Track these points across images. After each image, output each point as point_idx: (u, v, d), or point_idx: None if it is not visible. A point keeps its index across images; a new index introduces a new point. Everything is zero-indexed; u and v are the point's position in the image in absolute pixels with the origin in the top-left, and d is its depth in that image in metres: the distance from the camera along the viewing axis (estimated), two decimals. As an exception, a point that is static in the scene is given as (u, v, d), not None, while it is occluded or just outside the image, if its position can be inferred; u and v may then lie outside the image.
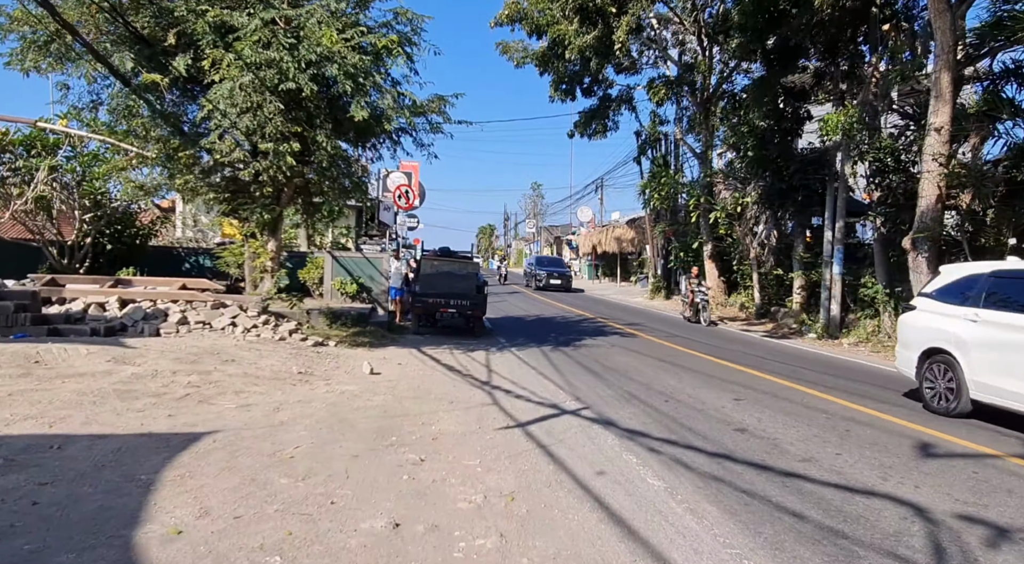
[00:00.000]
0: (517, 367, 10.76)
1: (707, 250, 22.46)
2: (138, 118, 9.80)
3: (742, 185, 19.84)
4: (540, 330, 16.60)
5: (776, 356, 12.53)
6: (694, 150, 23.64)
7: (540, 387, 9.00)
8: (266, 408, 6.64)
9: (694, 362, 11.39)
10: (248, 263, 11.45)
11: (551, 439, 6.27)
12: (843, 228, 15.73)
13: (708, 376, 9.91)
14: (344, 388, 7.99)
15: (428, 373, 9.77)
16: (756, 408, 7.67)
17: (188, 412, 6.18)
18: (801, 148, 17.12)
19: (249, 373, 7.70)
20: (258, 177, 9.89)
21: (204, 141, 9.48)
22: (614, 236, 35.25)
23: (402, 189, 22.84)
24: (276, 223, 11.09)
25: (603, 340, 14.34)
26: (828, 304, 16.12)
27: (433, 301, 14.40)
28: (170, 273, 15.19)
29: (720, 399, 8.16)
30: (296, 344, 10.00)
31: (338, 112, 10.36)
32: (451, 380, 9.33)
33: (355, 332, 14.32)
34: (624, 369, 10.53)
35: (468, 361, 11.29)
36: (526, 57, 24.10)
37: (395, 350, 12.19)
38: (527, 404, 7.89)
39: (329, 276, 18.02)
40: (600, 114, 26.84)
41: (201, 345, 8.61)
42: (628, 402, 8.01)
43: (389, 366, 10.07)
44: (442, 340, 13.91)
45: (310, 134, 9.80)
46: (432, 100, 12.25)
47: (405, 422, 6.73)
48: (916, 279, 12.06)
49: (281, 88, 9.18)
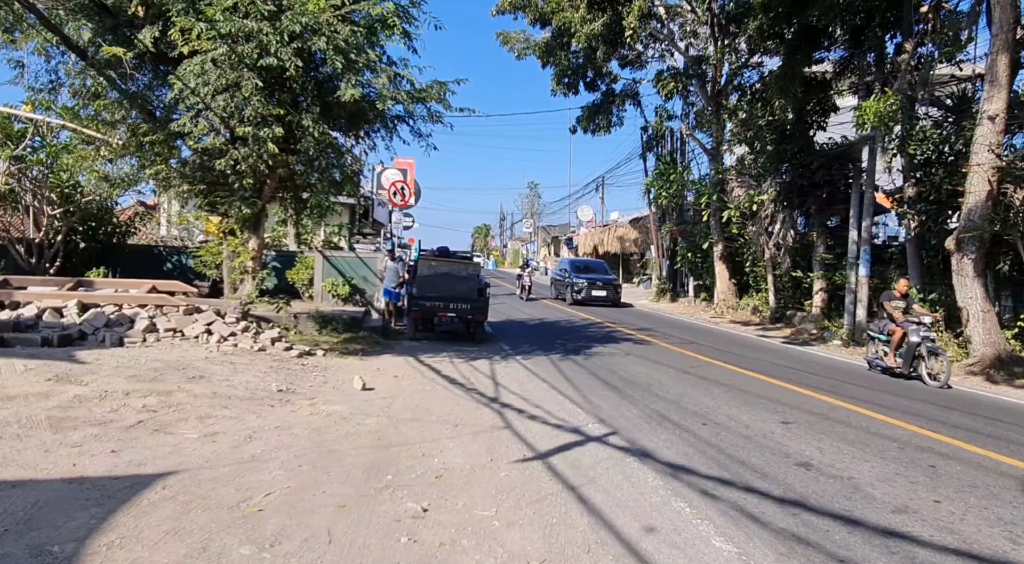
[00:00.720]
0: (526, 380, 9.67)
1: (717, 251, 21.42)
2: (102, 100, 8.66)
3: (756, 182, 18.81)
4: (544, 336, 15.52)
5: (806, 366, 11.47)
6: (704, 146, 22.59)
7: (555, 405, 7.92)
8: (235, 438, 5.53)
9: (720, 374, 10.32)
10: (227, 263, 10.33)
11: (580, 477, 5.18)
12: (870, 227, 14.71)
13: (742, 391, 8.84)
14: (331, 409, 6.88)
15: (427, 387, 8.67)
16: (811, 434, 6.60)
17: (138, 446, 5.05)
18: (822, 143, 16.07)
19: (219, 392, 6.58)
20: (236, 167, 8.77)
21: (174, 124, 8.34)
22: (617, 236, 34.19)
23: (397, 186, 21.73)
24: (258, 219, 9.97)
25: (615, 348, 13.27)
26: (853, 308, 15.09)
27: (431, 305, 13.31)
28: (150, 274, 14.02)
29: (765, 422, 7.09)
30: (278, 355, 8.89)
31: (327, 94, 9.24)
32: (454, 396, 8.24)
33: (346, 338, 13.20)
34: (646, 382, 9.45)
35: (471, 372, 10.20)
36: (527, 48, 23.04)
37: (390, 359, 11.09)
38: (543, 427, 6.80)
39: (319, 277, 16.90)
40: (604, 109, 25.82)
41: (167, 358, 7.48)
42: (660, 425, 6.94)
43: (383, 379, 8.96)
44: (441, 347, 12.82)
45: (295, 118, 8.70)
46: (432, 86, 11.17)
47: (403, 453, 5.63)
48: (960, 283, 11.04)
49: (261, 64, 8.08)
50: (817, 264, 16.57)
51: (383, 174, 24.48)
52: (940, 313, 12.67)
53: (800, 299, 18.49)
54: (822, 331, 16.08)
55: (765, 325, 18.46)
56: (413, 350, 12.29)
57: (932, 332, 10.03)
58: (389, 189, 21.30)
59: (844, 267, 15.61)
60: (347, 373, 9.00)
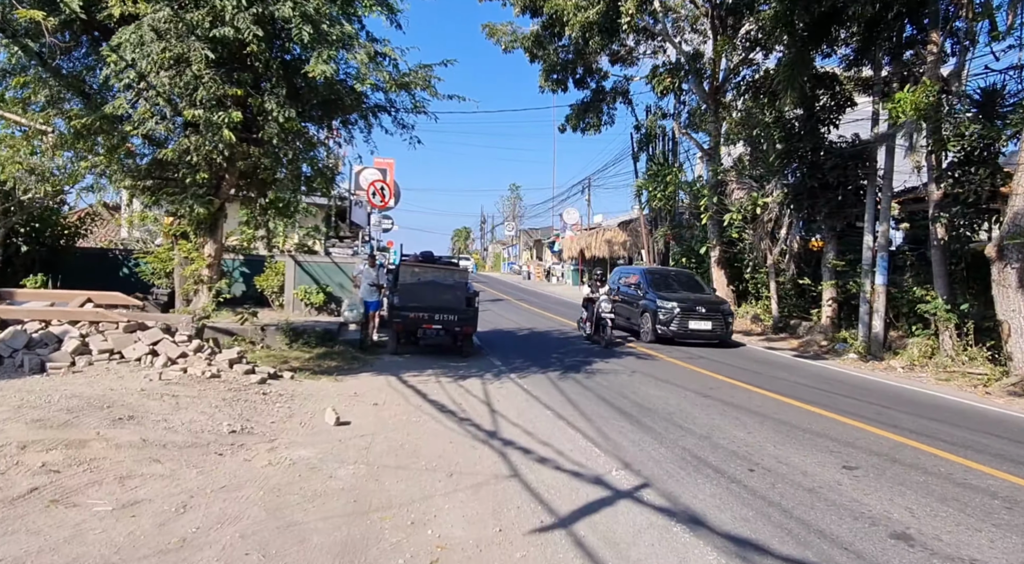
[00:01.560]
0: (526, 405, 8.41)
1: (715, 256, 20.33)
2: (21, 76, 7.23)
3: (758, 183, 17.76)
4: (537, 348, 14.27)
5: (834, 386, 10.35)
6: (701, 145, 21.54)
7: (566, 441, 6.67)
8: (164, 508, 4.18)
9: (744, 398, 9.15)
10: (178, 271, 8.91)
11: (620, 560, 3.93)
12: (887, 232, 13.68)
13: (778, 422, 7.65)
14: (296, 455, 5.55)
15: (413, 418, 7.37)
16: (887, 486, 5.41)
17: (20, 531, 3.69)
18: (834, 141, 15.04)
19: (151, 439, 5.21)
20: (187, 158, 7.38)
21: (107, 106, 6.93)
22: (605, 239, 33.05)
23: (377, 186, 20.40)
24: (215, 220, 8.58)
25: (617, 363, 12.05)
26: (868, 319, 14.05)
27: (415, 316, 11.98)
28: (101, 283, 12.48)
29: (824, 467, 5.89)
30: (236, 381, 7.51)
31: (295, 76, 7.91)
32: (445, 430, 6.95)
33: (320, 354, 11.84)
34: (664, 409, 8.23)
35: (462, 395, 8.92)
36: (515, 41, 21.79)
37: (369, 379, 9.76)
38: (558, 476, 5.54)
39: (291, 284, 15.48)
40: (594, 107, 24.68)
41: (90, 391, 6.08)
42: (698, 472, 5.71)
43: (362, 408, 7.63)
44: (426, 363, 11.52)
45: (256, 101, 7.36)
46: (416, 70, 9.88)
47: (386, 524, 4.34)
48: (1002, 294, 10.01)
49: (215, 35, 6.71)
50: (827, 271, 15.53)
51: (362, 174, 23.12)
52: (971, 324, 11.68)
53: (805, 308, 17.45)
54: (832, 343, 15.04)
55: (768, 335, 17.39)
56: (395, 367, 10.97)
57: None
58: (368, 189, 19.95)
59: (857, 274, 14.57)
60: (318, 402, 7.65)
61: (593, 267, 38.90)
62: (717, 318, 14.90)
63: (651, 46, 23.81)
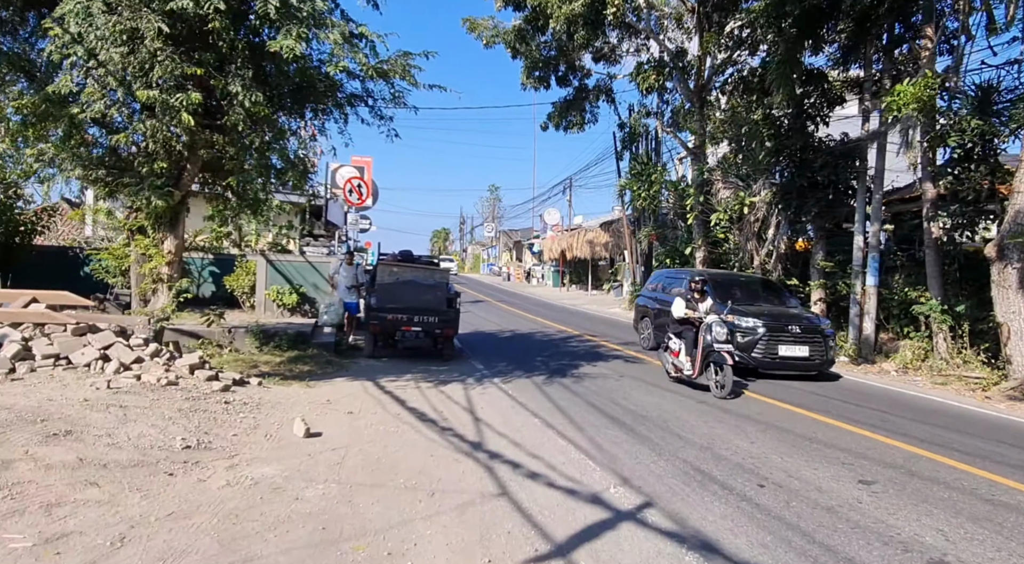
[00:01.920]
0: (512, 412, 7.88)
1: (700, 256, 19.97)
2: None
3: (744, 183, 17.44)
4: (521, 351, 13.75)
5: (828, 390, 9.96)
6: (686, 144, 21.18)
7: (558, 453, 6.15)
8: (97, 543, 3.57)
9: (739, 403, 8.70)
10: (134, 269, 8.21)
11: (630, 600, 3.42)
12: (878, 232, 13.38)
13: (781, 430, 7.20)
14: (259, 473, 4.95)
15: (391, 428, 6.80)
16: (911, 504, 4.96)
17: (-86, 575, 3.07)
18: (824, 138, 14.73)
19: (89, 458, 4.57)
20: (144, 145, 6.73)
21: (51, 86, 6.26)
22: (586, 240, 32.62)
23: (353, 183, 19.71)
24: (176, 214, 7.92)
25: (604, 367, 11.57)
26: (859, 321, 13.74)
27: (393, 317, 11.38)
28: (59, 283, 11.69)
29: (839, 481, 5.43)
30: (197, 388, 6.86)
31: (264, 59, 7.29)
32: (425, 441, 6.39)
33: (292, 358, 11.19)
34: (658, 416, 7.75)
35: (443, 402, 8.36)
36: (496, 36, 21.25)
37: (344, 385, 9.16)
38: (551, 494, 5.02)
39: (263, 284, 14.76)
40: (576, 105, 24.26)
41: (24, 402, 5.40)
42: (704, 488, 5.22)
43: (335, 417, 7.04)
44: (404, 367, 10.94)
45: (219, 83, 6.72)
46: (396, 57, 9.32)
47: (359, 556, 3.78)
48: (1001, 296, 9.71)
49: (172, 7, 6.09)
50: (816, 272, 15.20)
51: (338, 171, 22.44)
52: (966, 326, 11.39)
53: (792, 309, 17.12)
54: (821, 345, 14.71)
55: (755, 337, 17.03)
56: (372, 371, 10.37)
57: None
58: (344, 187, 19.27)
59: (847, 275, 14.26)
60: (287, 411, 7.03)
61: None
62: (816, 342, 10.76)
63: (634, 44, 23.44)
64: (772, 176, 15.93)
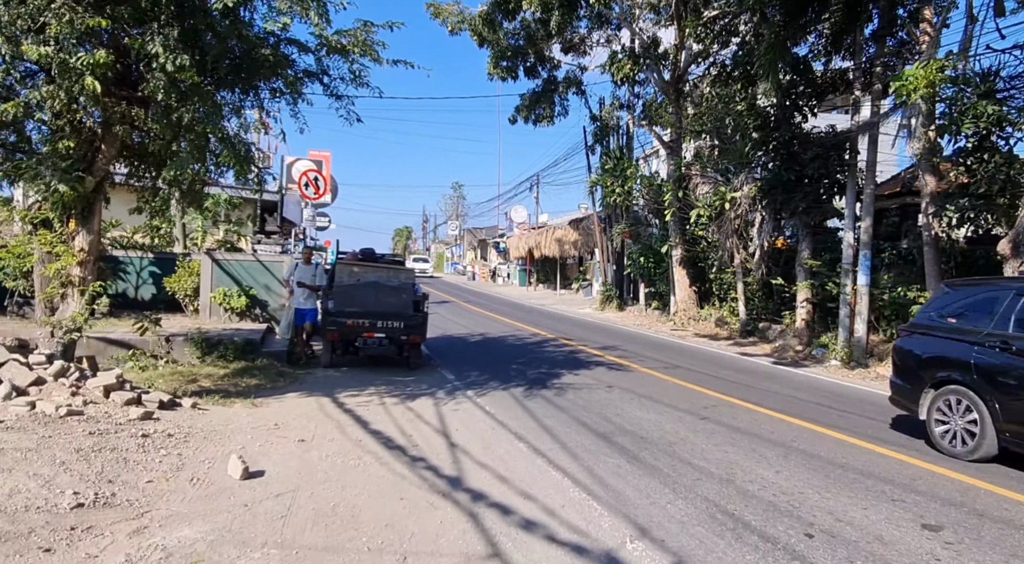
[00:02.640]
0: (492, 435, 6.82)
1: (677, 255, 19.19)
2: None
3: (724, 177, 16.68)
4: (494, 357, 12.69)
5: (835, 401, 9.14)
6: (661, 138, 20.38)
7: (553, 490, 5.11)
8: None
9: (747, 419, 7.78)
10: (38, 269, 6.82)
11: None
12: (870, 229, 12.67)
13: (806, 455, 6.27)
14: (174, 540, 3.77)
15: (351, 461, 5.66)
16: (1000, 560, 4.05)
17: None
18: (813, 129, 14.01)
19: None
20: (38, 117, 5.44)
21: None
22: (555, 238, 31.65)
23: (310, 176, 18.30)
24: (90, 204, 6.60)
25: (588, 375, 10.59)
26: (849, 323, 13.02)
27: (353, 323, 10.20)
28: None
29: (900, 528, 4.48)
30: (110, 415, 5.60)
31: (195, 15, 6.05)
32: (393, 478, 5.28)
33: (238, 370, 9.94)
34: (661, 438, 6.77)
35: (412, 422, 7.26)
36: (463, 22, 20.10)
37: (297, 403, 7.97)
38: (556, 553, 3.98)
39: (208, 286, 13.36)
40: (546, 97, 23.37)
41: None
42: (741, 540, 4.23)
43: (282, 449, 5.86)
44: (366, 378, 9.80)
45: (135, 42, 5.47)
46: (355, 29, 8.18)
47: None
48: (1016, 295, 8.98)
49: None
50: (802, 271, 14.49)
51: (295, 165, 21.01)
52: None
53: (775, 310, 16.45)
54: (808, 347, 14.02)
55: (736, 339, 16.30)
56: (329, 384, 9.20)
57: None
58: (300, 179, 17.87)
59: (836, 274, 13.56)
60: (224, 441, 5.82)
61: (542, 266, 37.33)
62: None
63: (604, 34, 22.60)
64: (754, 170, 15.19)
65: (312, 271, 11.15)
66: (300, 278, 11.03)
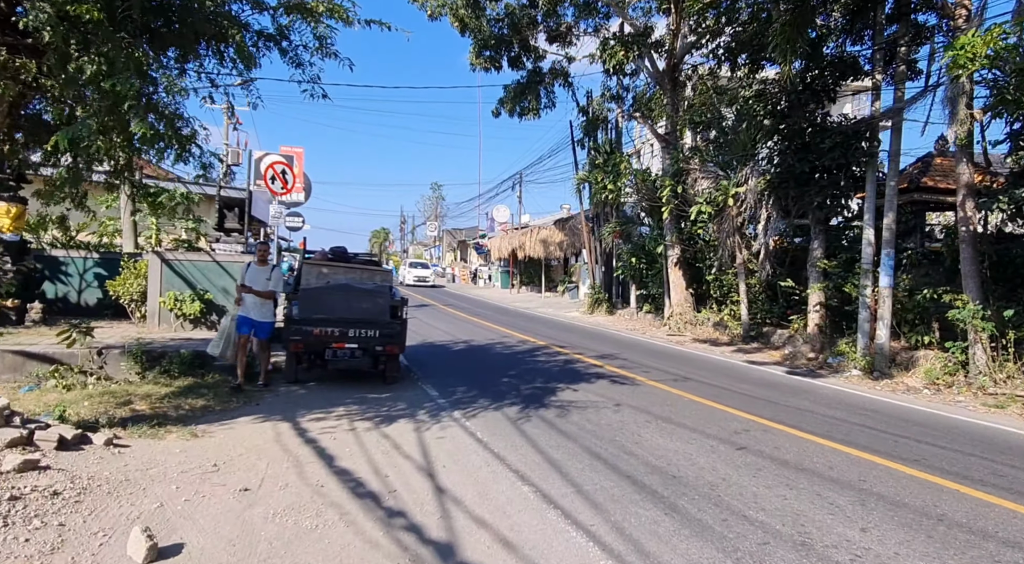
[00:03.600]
0: (488, 473, 5.48)
1: (673, 255, 18.01)
2: None
3: (725, 172, 15.53)
4: (481, 369, 11.32)
5: (880, 421, 7.93)
6: (656, 131, 19.20)
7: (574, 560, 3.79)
8: None
9: (792, 448, 6.52)
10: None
11: None
12: (893, 225, 11.55)
13: (887, 502, 5.00)
14: None
15: (307, 520, 4.29)
16: None
17: None
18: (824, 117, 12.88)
19: None
20: None
21: None
22: (539, 239, 30.31)
23: (277, 169, 16.77)
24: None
25: (591, 390, 9.28)
26: (869, 328, 11.91)
27: (320, 332, 8.74)
28: None
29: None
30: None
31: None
32: (362, 546, 3.92)
33: (184, 388, 8.45)
34: (697, 477, 5.47)
35: (388, 455, 5.89)
36: (443, 6, 18.75)
37: (248, 431, 6.55)
38: None
39: (157, 289, 11.82)
40: (531, 89, 22.06)
41: None
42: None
43: (217, 504, 4.45)
44: (335, 396, 8.40)
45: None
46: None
47: None
48: (1080, 298, 7.87)
49: None
50: (814, 271, 13.36)
51: (263, 160, 19.43)
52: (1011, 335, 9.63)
53: (780, 313, 15.32)
54: (821, 354, 12.89)
55: (739, 345, 15.13)
56: (291, 404, 7.78)
57: None
58: (266, 172, 16.35)
59: (854, 276, 12.45)
60: (133, 498, 4.39)
61: (525, 267, 36.06)
62: None
63: (592, 23, 21.40)
64: (759, 163, 14.05)
65: (266, 274, 8.96)
66: (249, 281, 8.81)
